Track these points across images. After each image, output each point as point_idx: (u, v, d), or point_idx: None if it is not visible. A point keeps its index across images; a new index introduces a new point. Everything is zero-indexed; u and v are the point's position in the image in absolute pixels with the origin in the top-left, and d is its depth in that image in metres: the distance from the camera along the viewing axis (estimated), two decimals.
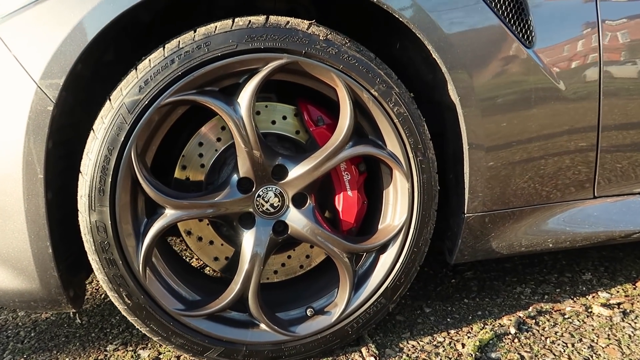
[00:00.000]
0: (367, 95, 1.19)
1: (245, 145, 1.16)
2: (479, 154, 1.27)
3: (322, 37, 1.14)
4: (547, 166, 1.33)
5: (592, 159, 1.38)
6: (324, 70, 1.16)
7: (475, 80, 1.22)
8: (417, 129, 1.23)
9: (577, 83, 1.29)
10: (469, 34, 1.20)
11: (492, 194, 1.31)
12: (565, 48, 1.28)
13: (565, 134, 1.32)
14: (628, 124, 1.37)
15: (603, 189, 1.41)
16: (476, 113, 1.23)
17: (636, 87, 1.34)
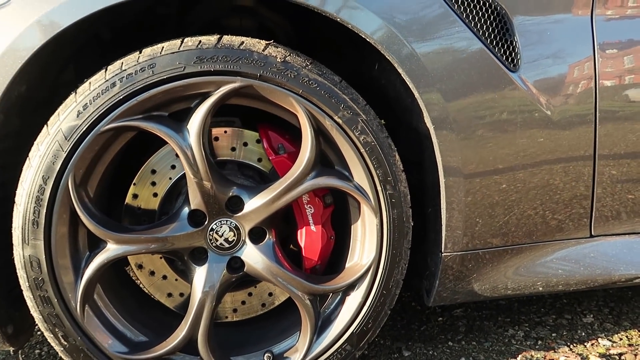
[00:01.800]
0: (330, 122, 1.08)
1: (195, 175, 1.06)
2: (456, 187, 1.15)
3: (279, 59, 1.05)
4: (535, 201, 1.20)
5: (588, 192, 1.24)
6: (282, 95, 1.06)
7: (452, 107, 1.10)
8: (386, 159, 1.12)
9: (569, 110, 1.16)
10: (446, 57, 1.09)
11: (473, 232, 1.19)
12: (555, 72, 1.16)
13: (555, 165, 1.19)
14: (629, 154, 1.23)
15: (601, 227, 1.27)
16: (453, 142, 1.11)
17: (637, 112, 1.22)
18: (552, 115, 1.15)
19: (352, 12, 1.04)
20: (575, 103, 1.17)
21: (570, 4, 1.14)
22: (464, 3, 1.08)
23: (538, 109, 1.14)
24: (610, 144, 1.20)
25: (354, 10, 1.04)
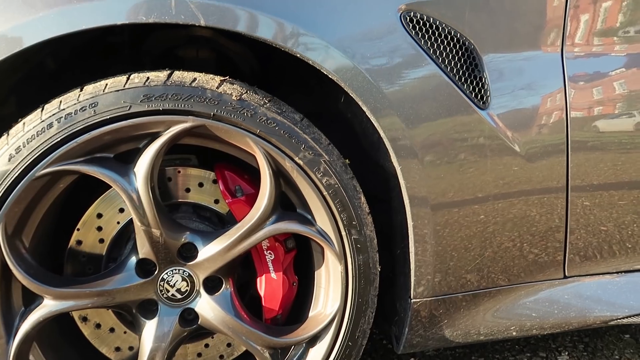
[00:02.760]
0: (290, 164, 1.01)
1: (142, 223, 0.97)
2: (424, 228, 1.08)
3: (235, 97, 0.97)
4: (507, 242, 1.15)
5: (561, 230, 1.20)
6: (238, 135, 0.99)
7: (420, 145, 1.04)
8: (351, 202, 1.05)
9: (540, 147, 1.12)
10: (412, 93, 1.03)
11: (443, 276, 1.13)
12: (525, 108, 1.11)
13: (527, 204, 1.14)
14: (601, 192, 1.19)
15: (574, 267, 1.23)
16: (421, 181, 1.05)
17: (610, 143, 1.18)
18: (522, 151, 1.10)
19: (310, 46, 0.97)
20: (547, 139, 1.12)
21: (541, 40, 1.10)
22: (431, 38, 1.03)
23: (508, 146, 1.09)
24: (583, 176, 1.16)
25: (313, 45, 0.97)
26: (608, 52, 1.15)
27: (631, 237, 1.25)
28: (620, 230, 1.23)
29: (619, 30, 1.15)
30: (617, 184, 1.20)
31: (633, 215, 1.23)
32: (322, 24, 0.99)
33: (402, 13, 1.02)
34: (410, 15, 1.02)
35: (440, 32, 1.04)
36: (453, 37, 1.05)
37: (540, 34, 1.10)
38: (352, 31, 1.01)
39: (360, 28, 1.01)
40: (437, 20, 1.04)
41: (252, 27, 0.95)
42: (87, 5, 0.90)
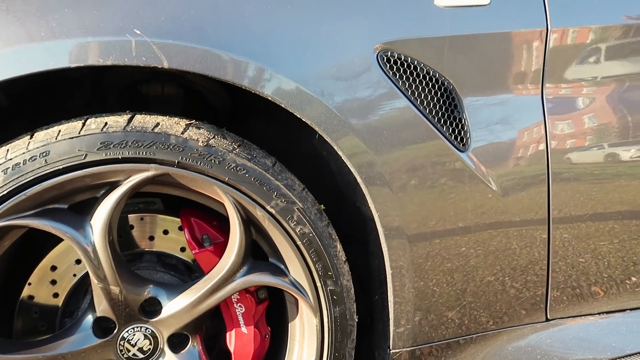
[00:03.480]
0: (261, 213, 0.95)
1: (100, 280, 0.90)
2: (403, 275, 1.03)
3: (202, 143, 0.91)
4: (487, 286, 1.11)
5: (543, 271, 1.17)
6: (205, 183, 0.92)
7: (396, 189, 0.99)
8: (326, 251, 0.99)
9: (522, 189, 1.08)
10: (388, 136, 0.98)
11: (423, 324, 1.08)
12: (506, 148, 1.08)
13: (508, 246, 1.10)
14: (582, 233, 1.17)
15: (556, 309, 1.19)
16: (399, 226, 1.00)
17: (592, 181, 1.16)
18: (502, 192, 1.06)
19: (280, 87, 0.91)
20: (528, 182, 1.09)
21: (521, 80, 1.07)
22: (409, 79, 0.98)
23: (488, 188, 1.05)
24: (564, 220, 1.14)
25: (283, 85, 0.92)
26: (585, 92, 1.13)
27: (612, 275, 1.23)
28: (600, 268, 1.21)
29: (595, 71, 1.13)
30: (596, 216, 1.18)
31: (612, 248, 1.21)
32: (292, 64, 0.94)
33: (378, 53, 0.97)
34: (387, 54, 0.98)
35: (419, 72, 1.00)
36: (432, 77, 1.01)
37: (521, 75, 1.07)
38: (325, 71, 0.96)
39: (334, 68, 0.96)
40: (415, 60, 1.00)
41: (218, 69, 0.88)
42: (37, 47, 0.82)
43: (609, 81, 1.15)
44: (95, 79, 1.21)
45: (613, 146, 1.17)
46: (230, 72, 0.89)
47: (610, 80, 1.15)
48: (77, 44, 0.84)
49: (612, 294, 1.24)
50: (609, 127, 1.16)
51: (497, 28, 1.05)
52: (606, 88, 1.15)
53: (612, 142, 1.16)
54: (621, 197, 1.20)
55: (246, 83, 0.90)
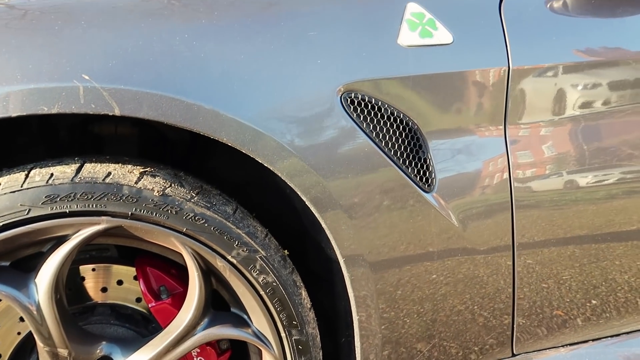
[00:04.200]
0: (222, 263, 0.90)
1: (45, 342, 0.83)
2: (369, 305, 1.01)
3: (157, 192, 0.86)
4: (453, 325, 1.10)
5: (509, 299, 1.16)
6: (161, 234, 0.87)
7: (361, 231, 0.97)
8: (291, 300, 0.95)
9: (487, 228, 1.08)
10: (352, 180, 0.95)
11: (392, 358, 1.05)
12: (471, 186, 1.07)
13: (475, 285, 1.10)
14: (545, 259, 1.17)
15: (523, 344, 1.19)
16: (363, 269, 0.98)
17: (553, 209, 1.17)
18: (467, 233, 1.06)
19: (239, 131, 0.87)
20: (492, 218, 1.09)
21: (484, 119, 1.07)
22: (373, 120, 0.96)
23: (454, 228, 1.04)
24: (528, 263, 1.14)
25: (241, 129, 0.87)
26: (545, 128, 1.14)
27: (573, 299, 1.23)
28: (562, 293, 1.22)
29: (555, 107, 1.14)
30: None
31: (573, 272, 1.22)
32: (251, 108, 0.90)
33: (342, 94, 0.95)
34: (350, 96, 0.95)
35: (383, 113, 0.98)
36: (396, 117, 0.99)
37: (484, 113, 1.06)
38: (287, 114, 0.92)
39: (297, 111, 0.93)
40: (380, 101, 0.98)
41: (174, 115, 0.84)
42: None
43: (568, 116, 1.16)
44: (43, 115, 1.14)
45: (572, 174, 1.18)
46: (188, 119, 0.85)
47: (569, 115, 1.16)
48: (17, 91, 0.78)
49: (575, 323, 1.25)
50: (567, 158, 1.17)
51: (460, 67, 1.04)
52: (565, 122, 1.16)
53: (571, 170, 1.17)
54: (580, 222, 1.21)
55: (203, 129, 0.86)
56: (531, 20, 1.14)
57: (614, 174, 1.19)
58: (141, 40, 0.86)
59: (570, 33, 1.17)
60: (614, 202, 1.20)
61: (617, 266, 1.25)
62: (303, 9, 0.98)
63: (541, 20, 1.15)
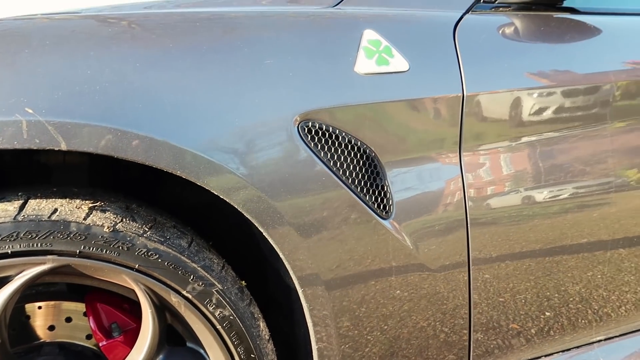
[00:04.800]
0: (177, 298, 0.88)
1: None
2: (330, 336, 1.01)
3: (107, 228, 0.82)
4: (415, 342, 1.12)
5: (467, 315, 1.19)
6: (111, 272, 0.84)
7: (314, 256, 0.96)
8: (248, 332, 0.94)
9: (444, 249, 1.09)
10: (310, 210, 0.95)
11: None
12: (429, 213, 1.08)
13: (433, 308, 1.12)
14: (501, 273, 1.20)
15: (479, 356, 1.22)
16: (322, 297, 0.98)
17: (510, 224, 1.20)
18: (423, 257, 1.07)
19: (189, 162, 0.85)
20: (447, 242, 1.11)
21: (440, 145, 1.08)
22: (331, 149, 0.96)
23: (411, 253, 1.05)
24: (483, 286, 1.16)
25: (194, 161, 0.85)
26: (499, 152, 1.17)
27: (528, 312, 1.27)
28: (518, 306, 1.25)
29: (508, 132, 1.17)
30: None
31: (528, 285, 1.26)
32: (206, 138, 0.88)
33: (299, 124, 0.94)
34: (308, 125, 0.95)
35: (340, 141, 0.98)
36: (354, 145, 0.99)
37: (440, 139, 1.08)
38: (244, 145, 0.91)
39: (254, 142, 0.91)
40: (337, 129, 0.98)
41: (125, 150, 0.81)
42: None
43: (521, 139, 1.19)
44: None
45: (526, 191, 1.22)
46: (141, 152, 0.82)
47: (521, 139, 1.19)
48: None
49: (530, 336, 1.29)
50: (520, 178, 1.20)
51: (416, 94, 1.05)
52: (517, 145, 1.19)
53: (524, 189, 1.20)
54: (536, 237, 1.25)
55: (156, 162, 0.83)
56: (484, 46, 1.17)
57: (565, 190, 1.23)
58: (90, 70, 0.83)
59: (521, 59, 1.21)
60: (566, 217, 1.24)
61: (569, 278, 1.30)
62: (259, 36, 0.97)
63: (494, 46, 1.18)
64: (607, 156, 1.27)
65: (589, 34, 1.32)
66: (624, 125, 1.30)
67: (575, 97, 1.24)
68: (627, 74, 1.32)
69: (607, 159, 1.27)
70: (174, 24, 0.96)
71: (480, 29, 1.18)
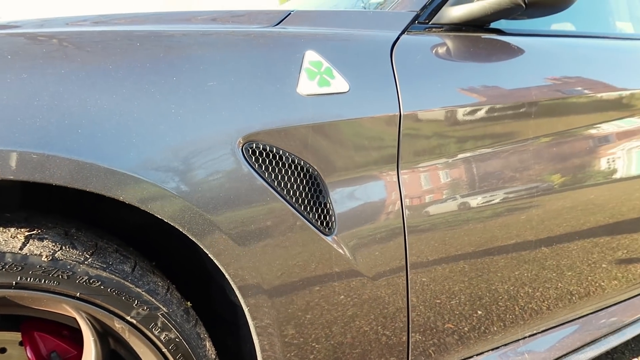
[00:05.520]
0: (121, 324, 0.87)
1: None
2: (276, 358, 1.04)
3: (45, 257, 0.80)
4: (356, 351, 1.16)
5: (404, 329, 1.25)
6: (51, 301, 0.82)
7: (264, 275, 0.98)
8: (194, 353, 0.94)
9: (383, 259, 1.15)
10: (254, 228, 0.96)
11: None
12: (370, 226, 1.13)
13: (375, 312, 1.17)
14: (436, 292, 1.28)
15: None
16: (265, 308, 1.00)
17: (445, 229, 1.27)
18: (369, 270, 1.12)
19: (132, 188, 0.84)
20: (387, 255, 1.16)
21: (379, 162, 1.13)
22: (275, 169, 0.98)
23: (354, 269, 1.09)
24: (421, 294, 1.23)
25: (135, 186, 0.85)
26: (435, 168, 1.24)
27: (462, 312, 1.35)
28: (453, 307, 1.33)
29: (443, 148, 1.25)
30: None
31: (462, 286, 1.33)
32: (148, 162, 0.87)
33: (242, 145, 0.95)
34: (252, 146, 0.96)
35: (284, 161, 1.00)
36: (297, 165, 1.02)
37: (379, 157, 1.13)
38: (184, 166, 0.90)
39: (198, 165, 0.92)
40: (280, 150, 1.00)
41: (52, 176, 0.78)
42: None
43: (454, 154, 1.27)
44: None
45: (461, 199, 1.29)
46: (79, 179, 0.80)
47: (455, 154, 1.27)
48: None
49: (464, 335, 1.37)
50: (454, 191, 1.27)
51: (356, 114, 1.09)
52: (451, 160, 1.27)
53: (458, 199, 1.28)
54: (469, 240, 1.33)
55: (97, 188, 0.82)
56: (420, 66, 1.23)
57: (495, 196, 1.32)
58: (24, 94, 0.80)
59: (453, 78, 1.27)
60: (496, 220, 1.33)
61: (499, 277, 1.39)
62: (202, 57, 0.97)
63: (428, 66, 1.24)
64: (532, 163, 1.38)
65: (513, 54, 1.42)
66: (546, 135, 1.41)
67: (501, 112, 1.33)
68: (547, 88, 1.43)
69: (533, 165, 1.38)
70: (107, 42, 0.94)
71: (415, 49, 1.24)
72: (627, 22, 1.86)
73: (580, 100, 1.51)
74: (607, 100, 1.59)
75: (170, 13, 1.20)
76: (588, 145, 1.53)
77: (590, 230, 1.57)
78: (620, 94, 1.62)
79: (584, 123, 1.52)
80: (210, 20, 1.19)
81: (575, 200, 1.49)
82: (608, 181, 1.59)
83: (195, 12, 1.22)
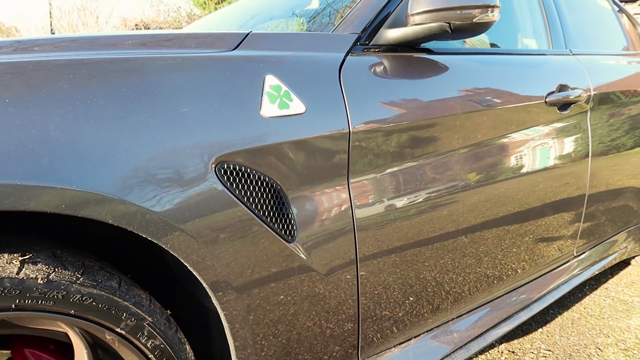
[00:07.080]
0: (111, 336, 0.94)
1: None
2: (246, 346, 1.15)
3: (41, 280, 0.86)
4: (304, 344, 1.30)
5: (354, 307, 1.40)
6: (47, 320, 0.88)
7: (233, 281, 1.09)
8: (177, 356, 1.03)
9: (337, 258, 1.29)
10: (226, 241, 1.07)
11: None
12: (326, 231, 1.27)
13: (320, 301, 1.31)
14: (377, 278, 1.44)
15: (366, 351, 1.45)
16: (238, 314, 1.11)
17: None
18: (326, 276, 1.25)
19: (111, 209, 0.92)
20: (341, 263, 1.30)
21: (333, 175, 1.26)
22: (244, 186, 1.09)
23: (314, 274, 1.23)
24: (371, 290, 1.39)
25: (113, 207, 0.91)
26: (382, 179, 1.39)
27: (398, 303, 1.53)
28: (398, 295, 1.50)
29: (388, 159, 1.41)
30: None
31: (398, 278, 1.51)
32: (126, 187, 0.95)
33: (215, 166, 1.05)
34: (224, 167, 1.06)
35: (252, 178, 1.11)
36: (263, 181, 1.13)
37: (333, 170, 1.27)
38: (162, 190, 0.98)
39: (175, 187, 1.00)
40: (249, 168, 1.10)
41: (28, 201, 0.84)
42: None
43: (396, 164, 1.43)
44: None
45: (399, 201, 1.46)
46: (68, 207, 0.86)
47: (396, 164, 1.43)
48: None
49: (400, 321, 1.55)
50: (395, 195, 1.43)
51: (312, 133, 1.22)
52: (394, 169, 1.43)
53: (398, 201, 1.45)
54: (402, 235, 1.50)
55: (84, 213, 0.88)
56: (363, 85, 1.37)
57: (423, 195, 1.50)
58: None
59: (390, 94, 1.43)
60: (423, 216, 1.52)
61: (427, 266, 1.58)
62: (172, 84, 1.05)
63: (370, 85, 1.39)
64: (454, 166, 1.58)
65: (440, 71, 1.60)
66: (466, 141, 1.62)
67: (430, 124, 1.51)
68: (467, 100, 1.63)
69: (454, 167, 1.58)
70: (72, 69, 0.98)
71: (359, 69, 1.38)
72: (532, 39, 2.13)
73: (493, 111, 1.74)
74: (515, 109, 1.84)
75: (109, 36, 1.21)
76: (499, 147, 1.77)
77: (502, 219, 1.81)
78: (525, 103, 1.88)
79: (497, 129, 1.75)
80: (161, 45, 1.23)
81: (489, 194, 1.72)
82: (516, 176, 1.84)
83: (140, 34, 1.25)
